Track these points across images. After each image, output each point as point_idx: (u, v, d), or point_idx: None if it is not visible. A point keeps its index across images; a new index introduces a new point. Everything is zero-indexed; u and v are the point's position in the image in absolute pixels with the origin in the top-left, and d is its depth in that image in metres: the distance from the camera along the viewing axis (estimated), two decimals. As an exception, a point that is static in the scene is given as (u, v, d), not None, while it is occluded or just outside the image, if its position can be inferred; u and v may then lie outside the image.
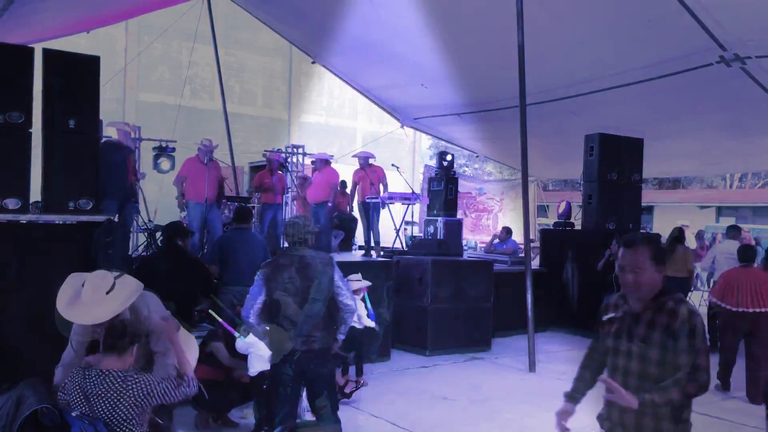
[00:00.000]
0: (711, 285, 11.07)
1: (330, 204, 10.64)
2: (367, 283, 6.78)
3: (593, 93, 10.35)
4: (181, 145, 11.60)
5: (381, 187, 10.81)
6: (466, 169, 30.93)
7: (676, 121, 10.94)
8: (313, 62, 13.46)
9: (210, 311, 5.51)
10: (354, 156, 11.06)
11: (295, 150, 13.50)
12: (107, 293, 3.57)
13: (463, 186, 16.34)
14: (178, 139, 11.70)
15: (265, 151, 12.11)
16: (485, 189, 17.51)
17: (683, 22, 7.93)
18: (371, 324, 6.71)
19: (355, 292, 6.72)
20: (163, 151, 11.28)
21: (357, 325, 6.63)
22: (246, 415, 5.54)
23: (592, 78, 10.07)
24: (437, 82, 11.77)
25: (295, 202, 12.26)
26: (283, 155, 12.88)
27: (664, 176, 26.19)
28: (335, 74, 13.82)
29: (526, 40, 7.89)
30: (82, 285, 3.62)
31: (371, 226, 10.53)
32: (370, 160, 10.90)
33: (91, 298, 3.55)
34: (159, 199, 11.05)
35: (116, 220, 7.60)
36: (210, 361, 5.31)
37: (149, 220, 10.23)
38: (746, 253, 7.28)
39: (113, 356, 3.31)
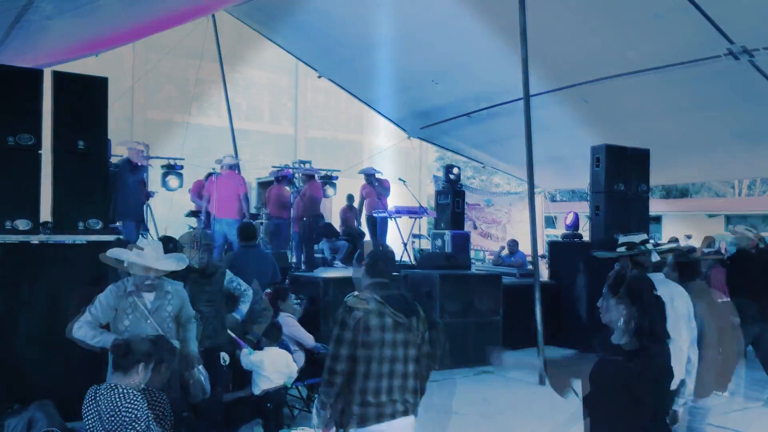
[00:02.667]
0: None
1: (305, 218, 10.35)
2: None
3: (599, 81, 10.24)
4: (189, 162, 11.67)
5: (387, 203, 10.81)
6: (474, 181, 30.91)
7: (684, 118, 10.80)
8: (319, 77, 13.54)
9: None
10: (360, 173, 11.07)
11: (302, 165, 13.56)
12: (165, 253, 4.25)
13: (472, 197, 16.38)
14: (186, 156, 11.77)
15: (273, 167, 12.16)
16: (493, 200, 17.50)
17: (689, 15, 7.92)
18: None
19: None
20: (171, 169, 11.35)
21: None
22: (257, 432, 5.55)
23: (598, 69, 10.02)
24: (447, 77, 11.71)
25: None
26: (291, 171, 12.93)
27: (672, 183, 26.06)
28: (341, 87, 13.89)
29: (531, 33, 7.88)
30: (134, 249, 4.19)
31: (379, 240, 10.53)
32: (377, 175, 10.92)
33: (154, 253, 4.13)
34: (169, 216, 11.11)
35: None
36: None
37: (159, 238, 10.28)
38: None
39: (119, 373, 3.42)
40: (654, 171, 10.95)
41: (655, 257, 4.35)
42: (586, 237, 11.27)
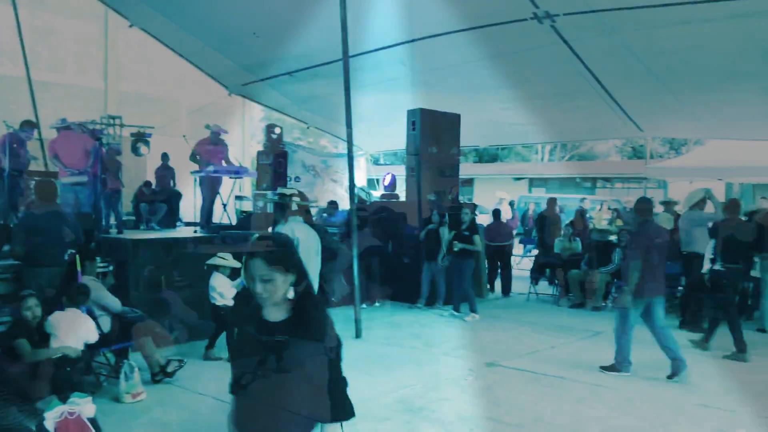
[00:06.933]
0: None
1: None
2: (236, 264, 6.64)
3: (417, 41, 10.42)
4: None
5: (223, 162, 10.37)
6: (301, 142, 30.77)
7: (495, 81, 11.25)
8: (131, 26, 12.63)
9: None
10: (208, 127, 10.41)
11: (111, 121, 12.68)
12: None
13: (310, 159, 16.45)
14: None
15: (79, 123, 11.18)
16: (330, 162, 17.50)
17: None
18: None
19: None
20: (-46, 122, 10.08)
21: (220, 302, 6.48)
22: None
23: (415, 29, 10.17)
24: (268, 33, 11.35)
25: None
26: (99, 127, 12.03)
27: (482, 146, 27.70)
28: (155, 38, 13.05)
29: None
30: None
31: (213, 201, 10.12)
32: (221, 136, 10.43)
33: None
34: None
35: None
36: (13, 353, 4.95)
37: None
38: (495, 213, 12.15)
39: None
40: (467, 134, 11.58)
41: (294, 207, 5.17)
42: (403, 198, 11.75)
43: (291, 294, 2.33)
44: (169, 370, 5.99)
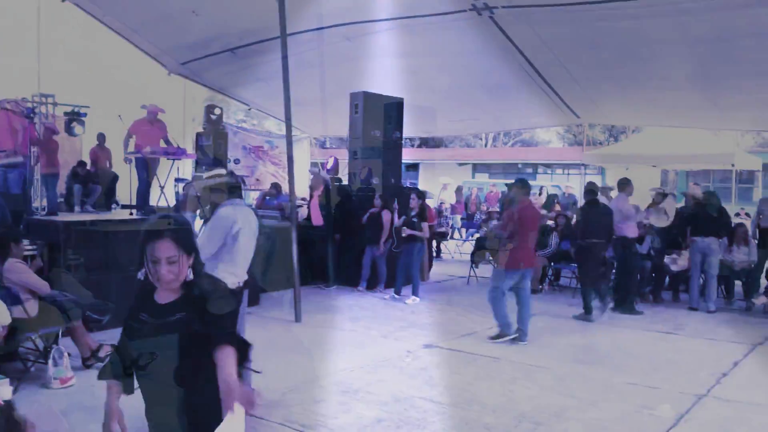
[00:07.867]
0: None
1: None
2: None
3: (360, 23, 10.36)
4: None
5: (162, 142, 10.13)
6: (245, 124, 30.28)
7: (437, 71, 11.42)
8: (64, 0, 12.18)
9: None
10: (144, 107, 10.12)
11: (44, 100, 12.21)
12: None
13: (255, 139, 16.26)
14: None
15: (6, 100, 10.71)
16: (276, 143, 17.28)
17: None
18: None
19: None
20: None
21: None
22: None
23: (358, 12, 10.13)
24: (208, 7, 11.02)
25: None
26: (30, 105, 11.56)
27: (429, 136, 27.89)
28: (89, 13, 12.61)
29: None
30: None
31: (150, 183, 9.87)
32: (159, 115, 10.14)
33: None
34: None
35: None
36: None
37: None
38: None
39: None
40: (413, 124, 11.57)
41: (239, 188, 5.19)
42: (346, 181, 11.70)
43: (190, 275, 2.30)
44: (101, 354, 5.83)
